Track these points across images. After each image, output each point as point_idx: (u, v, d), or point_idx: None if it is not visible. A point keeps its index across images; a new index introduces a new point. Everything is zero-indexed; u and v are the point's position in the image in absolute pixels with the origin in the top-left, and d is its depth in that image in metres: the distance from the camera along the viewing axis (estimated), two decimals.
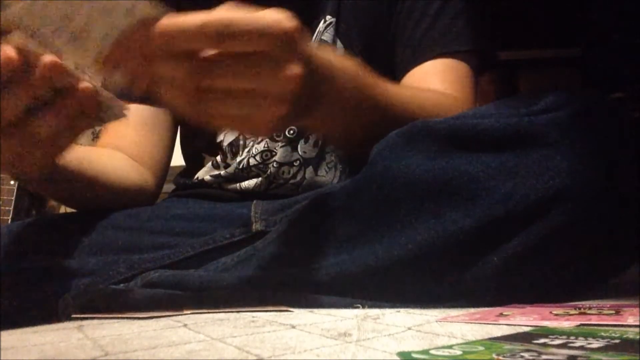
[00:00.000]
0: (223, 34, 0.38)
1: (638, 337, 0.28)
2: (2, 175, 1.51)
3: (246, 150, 0.69)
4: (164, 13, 0.38)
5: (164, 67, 0.39)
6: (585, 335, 0.29)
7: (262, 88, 0.41)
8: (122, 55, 0.39)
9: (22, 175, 0.49)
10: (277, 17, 0.40)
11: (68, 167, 0.57)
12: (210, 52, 0.39)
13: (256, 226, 0.61)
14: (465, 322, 0.37)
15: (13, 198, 1.54)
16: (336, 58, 0.50)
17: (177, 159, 0.78)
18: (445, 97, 0.63)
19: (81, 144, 0.50)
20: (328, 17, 0.69)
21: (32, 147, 0.44)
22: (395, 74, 0.70)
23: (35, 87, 0.41)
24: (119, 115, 0.46)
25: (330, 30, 0.69)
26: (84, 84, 0.42)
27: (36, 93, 0.41)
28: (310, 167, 0.68)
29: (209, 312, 0.45)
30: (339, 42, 0.70)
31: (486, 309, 0.43)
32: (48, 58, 0.40)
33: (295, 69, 0.41)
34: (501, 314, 0.39)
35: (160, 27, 0.38)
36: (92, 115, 0.44)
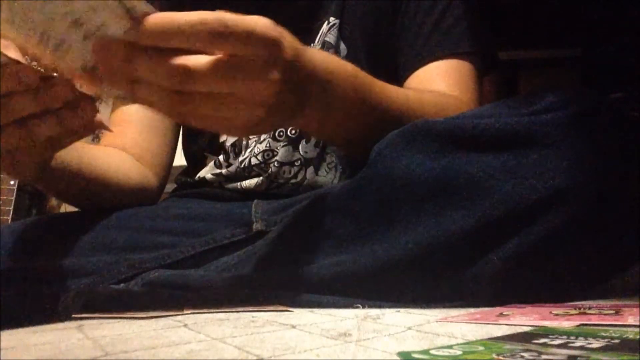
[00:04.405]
0: (214, 33, 0.38)
1: (638, 337, 0.28)
2: (2, 175, 1.51)
3: (248, 149, 0.69)
4: (154, 11, 0.38)
5: (146, 67, 0.39)
6: (585, 335, 0.29)
7: (240, 92, 0.41)
8: (104, 54, 0.39)
9: (14, 173, 0.49)
10: (265, 22, 0.40)
11: (67, 165, 0.57)
12: (194, 59, 0.39)
13: (257, 226, 0.61)
14: (465, 322, 0.37)
15: (13, 198, 1.54)
16: (332, 60, 0.51)
17: (179, 159, 0.78)
18: (447, 97, 0.63)
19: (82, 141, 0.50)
20: (332, 19, 0.69)
21: (29, 147, 0.44)
22: (399, 74, 0.70)
23: (44, 100, 0.41)
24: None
25: (334, 31, 0.69)
26: (88, 102, 0.43)
27: (43, 104, 0.42)
28: (311, 167, 0.68)
29: (209, 312, 0.45)
30: (342, 44, 0.70)
31: (486, 309, 0.43)
32: (62, 79, 0.41)
33: (273, 75, 0.41)
34: (501, 314, 0.39)
35: (153, 20, 0.37)
36: (91, 127, 0.45)
